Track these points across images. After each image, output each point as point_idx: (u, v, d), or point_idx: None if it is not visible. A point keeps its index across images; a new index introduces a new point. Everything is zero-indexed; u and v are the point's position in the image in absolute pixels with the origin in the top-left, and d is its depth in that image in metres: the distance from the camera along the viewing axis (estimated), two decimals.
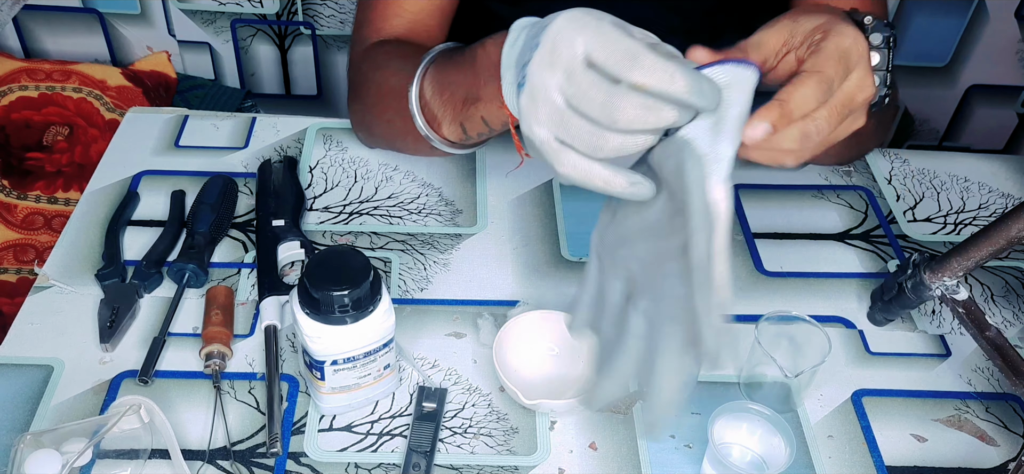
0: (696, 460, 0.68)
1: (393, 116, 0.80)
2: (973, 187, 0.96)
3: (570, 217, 0.88)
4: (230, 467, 0.65)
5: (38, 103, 1.48)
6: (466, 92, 0.69)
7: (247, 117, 0.98)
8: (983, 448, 0.71)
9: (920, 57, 1.70)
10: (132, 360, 0.72)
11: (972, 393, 0.75)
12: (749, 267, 0.84)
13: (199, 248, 0.79)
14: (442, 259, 0.83)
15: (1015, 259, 0.88)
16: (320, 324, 0.63)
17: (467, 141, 0.75)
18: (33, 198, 1.39)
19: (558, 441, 0.69)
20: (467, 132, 0.72)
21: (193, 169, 0.90)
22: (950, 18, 1.65)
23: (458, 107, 0.71)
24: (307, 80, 1.74)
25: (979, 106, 1.79)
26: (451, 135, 0.74)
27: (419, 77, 0.74)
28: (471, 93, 0.68)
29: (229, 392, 0.70)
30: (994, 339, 0.68)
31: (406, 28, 0.86)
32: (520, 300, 0.79)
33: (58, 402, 0.69)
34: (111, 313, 0.74)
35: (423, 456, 0.66)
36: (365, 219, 0.86)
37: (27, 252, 1.34)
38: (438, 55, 0.75)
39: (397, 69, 0.79)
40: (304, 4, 1.62)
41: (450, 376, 0.73)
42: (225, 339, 0.72)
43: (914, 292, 0.73)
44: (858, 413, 0.72)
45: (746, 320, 0.79)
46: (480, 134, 0.72)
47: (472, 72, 0.68)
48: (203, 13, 1.63)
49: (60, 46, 1.67)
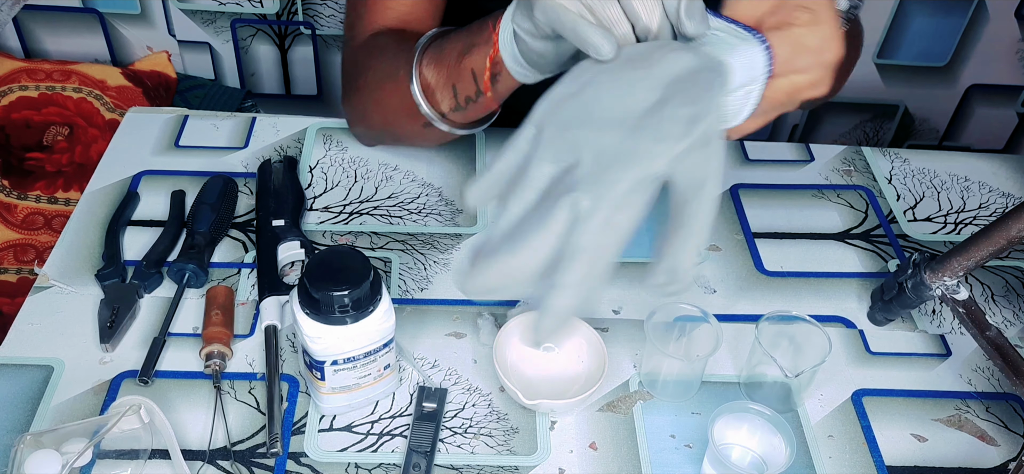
0: (696, 460, 0.68)
1: (389, 97, 0.81)
2: (973, 187, 0.96)
3: None
4: (230, 467, 0.65)
5: (38, 103, 1.48)
6: (461, 48, 0.71)
7: (247, 117, 0.98)
8: (983, 448, 0.71)
9: (920, 57, 1.70)
10: (132, 360, 0.72)
11: (972, 393, 0.75)
12: (749, 267, 0.84)
13: (199, 248, 0.79)
14: (442, 259, 0.83)
15: (1015, 259, 0.88)
16: (320, 324, 0.63)
17: (457, 112, 0.76)
18: (33, 198, 1.39)
19: (558, 441, 0.69)
20: (458, 97, 0.74)
21: (193, 169, 0.90)
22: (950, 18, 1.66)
23: (452, 67, 0.73)
24: (307, 80, 1.74)
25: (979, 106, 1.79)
26: (444, 104, 0.76)
27: (420, 49, 0.76)
28: (466, 45, 0.71)
29: (229, 392, 0.70)
30: (994, 339, 0.68)
31: (399, 22, 0.87)
32: (520, 300, 0.79)
33: (58, 402, 0.69)
34: (111, 313, 0.73)
35: (423, 456, 0.66)
36: (365, 219, 0.86)
37: (27, 252, 1.34)
38: (441, 31, 0.78)
39: (395, 53, 0.81)
40: (304, 4, 1.62)
41: (450, 376, 0.73)
42: (225, 339, 0.72)
43: (914, 292, 0.73)
44: (858, 413, 0.72)
45: (746, 320, 0.79)
46: (467, 98, 0.73)
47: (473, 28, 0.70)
48: (203, 13, 1.63)
49: (60, 46, 1.67)
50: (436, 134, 0.80)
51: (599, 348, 0.71)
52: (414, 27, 0.87)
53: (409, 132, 0.86)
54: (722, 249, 0.86)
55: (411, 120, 0.79)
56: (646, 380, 0.73)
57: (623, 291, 0.80)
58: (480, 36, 0.70)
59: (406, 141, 0.91)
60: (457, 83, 0.73)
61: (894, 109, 1.78)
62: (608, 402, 0.72)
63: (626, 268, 0.83)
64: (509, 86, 0.69)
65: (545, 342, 0.48)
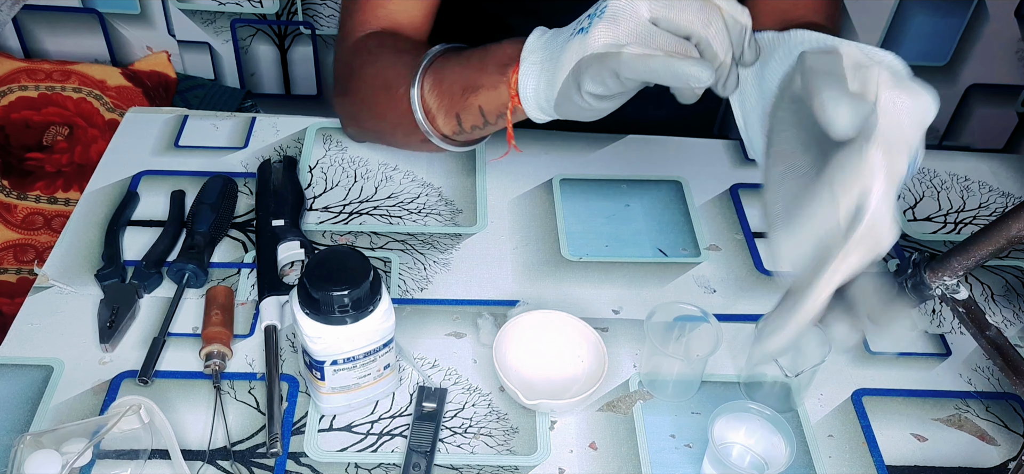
0: (696, 460, 0.68)
1: (385, 109, 0.81)
2: (973, 186, 0.96)
3: (570, 217, 0.88)
4: (230, 467, 0.65)
5: (38, 103, 1.48)
6: (465, 83, 0.72)
7: (247, 117, 0.98)
8: (983, 447, 0.71)
9: (920, 56, 1.70)
10: (132, 360, 0.72)
11: (972, 392, 0.75)
12: (749, 266, 0.84)
13: (199, 248, 0.79)
14: (442, 259, 0.83)
15: (1015, 258, 0.88)
16: (320, 324, 0.63)
17: (460, 135, 0.76)
18: (33, 198, 1.39)
19: (558, 441, 0.69)
20: (462, 125, 0.74)
21: (193, 169, 0.90)
22: (950, 18, 1.66)
23: (456, 98, 0.73)
24: (307, 80, 1.74)
25: (979, 105, 1.79)
26: (446, 128, 0.76)
27: (421, 71, 0.76)
28: (471, 83, 0.71)
29: (229, 392, 0.70)
30: (994, 338, 0.68)
31: (392, 23, 0.87)
32: (520, 300, 0.79)
33: (58, 402, 0.69)
34: (111, 313, 0.73)
35: (423, 456, 0.66)
36: (365, 219, 0.86)
37: (27, 252, 1.34)
38: (439, 52, 0.77)
39: (390, 63, 0.81)
40: (304, 4, 1.62)
41: (450, 376, 0.73)
42: (225, 339, 0.72)
43: (914, 291, 0.73)
44: (858, 412, 0.72)
45: (746, 320, 0.79)
46: (474, 127, 0.74)
47: (478, 65, 0.71)
48: (203, 13, 1.63)
49: (60, 46, 1.67)
50: (429, 148, 0.80)
51: (599, 348, 0.71)
52: (407, 29, 0.87)
53: (401, 142, 0.86)
54: (722, 249, 0.86)
55: (405, 133, 0.79)
56: (646, 380, 0.73)
57: (623, 291, 0.81)
58: (485, 77, 0.70)
59: (397, 147, 0.91)
60: (461, 113, 0.74)
61: None
62: (608, 402, 0.72)
63: (626, 268, 0.83)
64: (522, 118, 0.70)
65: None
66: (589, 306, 0.79)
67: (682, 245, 0.86)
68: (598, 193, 0.91)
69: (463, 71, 0.72)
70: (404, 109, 0.77)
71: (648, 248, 0.85)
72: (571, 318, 0.73)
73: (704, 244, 0.86)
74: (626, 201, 0.90)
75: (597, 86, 0.59)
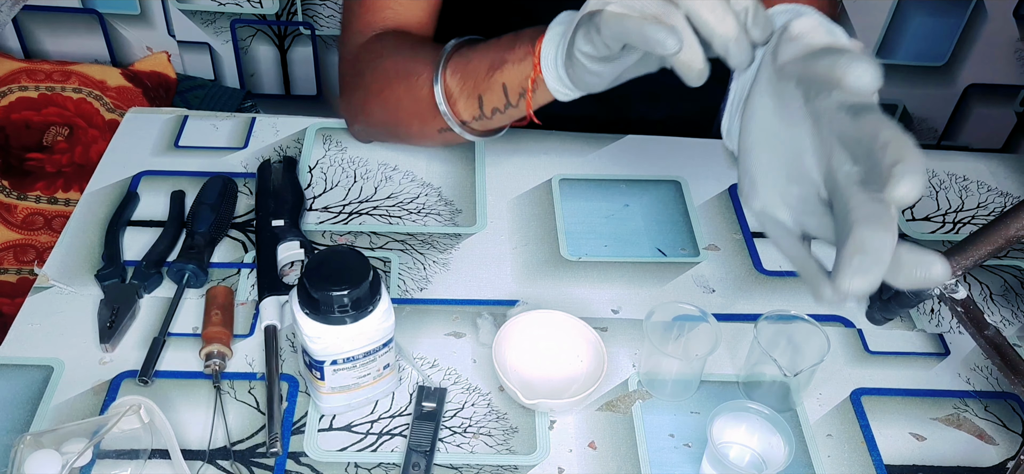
0: (695, 459, 0.68)
1: (402, 97, 0.82)
2: (972, 186, 0.96)
3: (569, 217, 0.88)
4: (230, 467, 0.65)
5: (38, 103, 1.48)
6: (493, 60, 0.74)
7: (247, 117, 0.98)
8: (982, 447, 0.71)
9: (919, 56, 1.71)
10: (132, 360, 0.72)
11: (971, 392, 0.75)
12: (748, 266, 0.84)
13: (199, 248, 0.79)
14: (442, 259, 0.83)
15: (1014, 258, 0.88)
16: (320, 324, 0.63)
17: (479, 121, 0.78)
18: (33, 198, 1.39)
19: (557, 440, 0.69)
20: (483, 108, 0.76)
21: (193, 169, 0.90)
22: (949, 17, 1.66)
23: (480, 78, 0.75)
24: (307, 80, 1.74)
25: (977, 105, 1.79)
26: (466, 113, 0.78)
27: (446, 55, 0.78)
28: (499, 59, 0.73)
29: (229, 392, 0.70)
30: (993, 338, 0.68)
31: (396, 22, 0.87)
32: (520, 300, 0.79)
33: (58, 402, 0.69)
34: (111, 313, 0.74)
35: (423, 456, 0.66)
36: (365, 219, 0.86)
37: (27, 252, 1.34)
38: (464, 40, 0.80)
39: (410, 56, 0.83)
40: (304, 4, 1.63)
41: (450, 376, 0.73)
42: (225, 339, 0.72)
43: (913, 291, 0.73)
44: (857, 412, 0.73)
45: (745, 320, 0.79)
46: (495, 110, 0.76)
47: (508, 42, 0.73)
48: (203, 13, 1.63)
49: (60, 46, 1.67)
50: (445, 138, 0.81)
51: (598, 348, 0.71)
52: (414, 30, 0.88)
53: (415, 132, 0.86)
54: (721, 249, 0.86)
55: (421, 121, 0.80)
56: (645, 380, 0.73)
57: (622, 291, 0.81)
58: (513, 53, 0.72)
59: (408, 140, 0.91)
60: (484, 94, 0.76)
61: (892, 109, 1.79)
62: (607, 401, 0.72)
63: (625, 268, 0.83)
64: (543, 101, 0.73)
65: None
66: (588, 306, 0.79)
67: (681, 245, 0.86)
68: (597, 193, 0.91)
69: (491, 50, 0.75)
70: (423, 96, 0.79)
71: (647, 248, 0.85)
72: (570, 318, 0.73)
73: (703, 244, 0.86)
74: (625, 201, 0.90)
75: (586, 44, 0.61)
